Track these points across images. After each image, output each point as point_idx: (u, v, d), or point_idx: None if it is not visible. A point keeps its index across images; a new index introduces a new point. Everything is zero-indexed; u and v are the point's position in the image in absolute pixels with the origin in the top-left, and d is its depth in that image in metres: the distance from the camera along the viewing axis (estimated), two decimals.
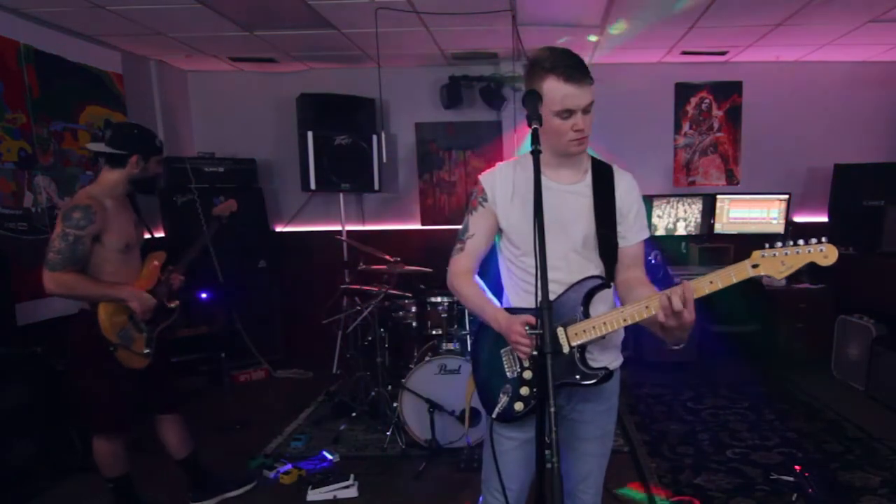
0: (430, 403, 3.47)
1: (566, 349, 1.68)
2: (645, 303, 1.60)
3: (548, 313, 1.37)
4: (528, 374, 1.72)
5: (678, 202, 5.37)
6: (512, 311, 1.73)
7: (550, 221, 1.68)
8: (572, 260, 1.75)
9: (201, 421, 3.86)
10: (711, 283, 1.55)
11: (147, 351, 2.71)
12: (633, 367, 5.11)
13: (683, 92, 5.52)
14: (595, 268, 1.76)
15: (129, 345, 2.65)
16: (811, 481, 3.04)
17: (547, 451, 1.34)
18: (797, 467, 3.20)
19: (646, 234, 1.85)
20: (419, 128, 5.63)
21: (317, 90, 5.16)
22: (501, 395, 1.74)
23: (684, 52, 5.05)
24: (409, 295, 4.19)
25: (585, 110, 1.63)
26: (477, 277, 1.85)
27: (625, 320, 1.64)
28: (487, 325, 1.79)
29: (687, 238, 5.46)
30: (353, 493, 3.13)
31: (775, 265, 1.52)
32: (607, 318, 1.65)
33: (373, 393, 4.02)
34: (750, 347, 5.20)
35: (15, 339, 3.33)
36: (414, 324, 4.03)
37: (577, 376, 1.69)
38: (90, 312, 2.59)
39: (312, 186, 5.03)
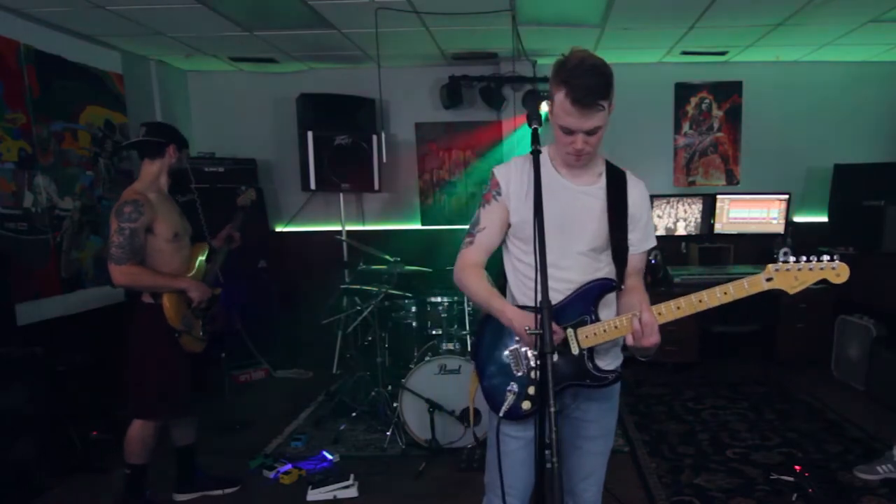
0: (430, 403, 3.47)
1: (576, 351, 1.68)
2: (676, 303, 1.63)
3: (547, 313, 1.37)
4: (536, 374, 1.71)
5: (678, 202, 5.37)
6: (520, 308, 1.72)
7: (564, 221, 1.70)
8: (583, 261, 1.74)
9: (201, 421, 3.86)
10: (725, 293, 1.57)
11: (203, 335, 2.99)
12: (633, 367, 5.11)
13: (683, 92, 5.52)
14: (607, 270, 1.76)
15: (191, 330, 2.91)
16: (811, 481, 3.05)
17: (547, 451, 1.33)
18: (797, 467, 3.20)
19: (653, 243, 1.86)
20: (419, 128, 5.63)
21: (317, 90, 5.16)
22: (508, 393, 1.72)
23: (684, 52, 5.05)
24: (409, 295, 4.19)
25: (590, 132, 1.59)
26: (485, 272, 1.82)
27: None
28: (492, 322, 1.77)
29: (687, 238, 5.46)
30: (353, 493, 3.13)
31: (789, 280, 1.53)
32: (619, 322, 1.65)
33: (373, 393, 4.02)
34: (750, 347, 5.21)
35: (15, 339, 3.33)
36: (414, 324, 4.04)
37: (588, 379, 1.70)
38: (154, 305, 2.79)
39: (312, 186, 5.02)
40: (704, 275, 4.83)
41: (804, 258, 1.53)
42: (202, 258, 3.05)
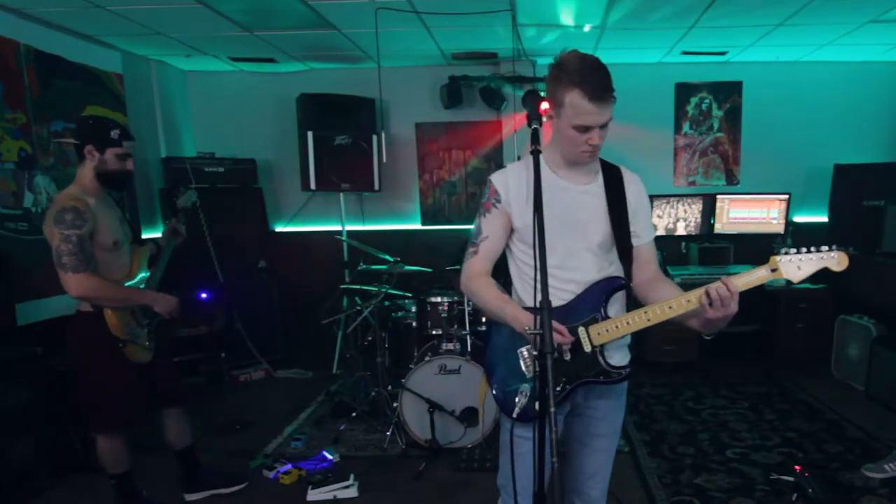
0: (430, 403, 3.47)
1: (588, 348, 1.71)
2: (685, 297, 1.63)
3: (547, 313, 1.37)
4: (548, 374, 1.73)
5: (678, 202, 5.37)
6: (528, 311, 1.72)
7: (567, 222, 1.72)
8: (589, 260, 1.75)
9: (201, 421, 3.86)
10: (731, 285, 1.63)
11: (149, 344, 2.81)
12: (634, 368, 5.09)
13: (683, 92, 5.51)
14: (614, 268, 1.78)
15: (136, 339, 2.74)
16: (811, 481, 3.04)
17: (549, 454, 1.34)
18: (797, 467, 3.20)
19: (654, 233, 1.90)
20: (419, 128, 5.63)
21: (317, 90, 5.16)
22: (519, 395, 1.72)
23: (684, 52, 5.05)
24: (409, 295, 4.18)
25: (602, 126, 1.65)
26: (491, 279, 1.83)
27: (649, 320, 1.67)
28: (500, 326, 1.78)
29: (687, 238, 5.46)
30: (353, 493, 3.14)
31: (792, 269, 1.63)
32: (630, 318, 1.67)
33: (373, 393, 4.02)
34: (750, 347, 5.21)
35: (15, 339, 3.33)
36: (414, 324, 4.03)
37: (601, 376, 1.72)
38: (92, 314, 2.63)
39: (312, 186, 5.03)
40: (704, 275, 4.83)
41: (804, 249, 1.62)
42: (144, 264, 2.86)
